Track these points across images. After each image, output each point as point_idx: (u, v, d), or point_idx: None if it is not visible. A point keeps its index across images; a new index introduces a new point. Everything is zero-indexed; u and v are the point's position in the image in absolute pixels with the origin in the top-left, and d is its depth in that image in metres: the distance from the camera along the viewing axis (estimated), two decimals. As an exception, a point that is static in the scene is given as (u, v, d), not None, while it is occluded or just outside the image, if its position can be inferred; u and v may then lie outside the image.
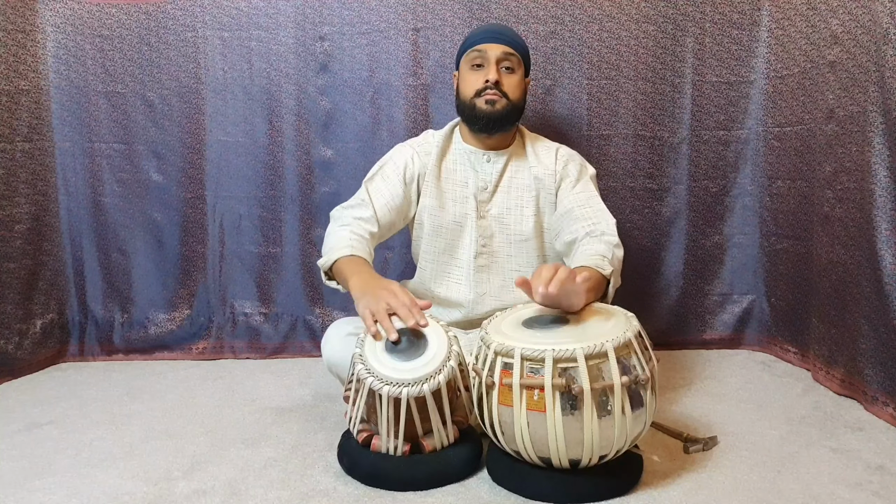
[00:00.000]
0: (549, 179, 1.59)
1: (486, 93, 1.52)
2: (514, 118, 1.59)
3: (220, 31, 2.06)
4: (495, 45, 1.53)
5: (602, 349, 1.10)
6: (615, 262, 1.40)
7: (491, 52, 1.52)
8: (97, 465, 1.36)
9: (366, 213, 1.55)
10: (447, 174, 1.62)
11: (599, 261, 1.36)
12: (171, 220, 2.14)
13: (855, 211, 1.65)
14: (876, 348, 1.56)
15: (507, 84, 1.53)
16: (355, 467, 1.26)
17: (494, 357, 1.16)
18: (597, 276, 1.33)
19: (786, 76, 1.96)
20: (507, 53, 1.53)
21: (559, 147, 1.64)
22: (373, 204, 1.56)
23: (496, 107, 1.52)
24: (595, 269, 1.34)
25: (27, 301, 2.04)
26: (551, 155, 1.61)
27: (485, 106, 1.52)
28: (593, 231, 1.46)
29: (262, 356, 2.16)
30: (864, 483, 1.22)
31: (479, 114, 1.53)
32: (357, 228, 1.52)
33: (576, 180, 1.58)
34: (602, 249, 1.40)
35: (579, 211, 1.52)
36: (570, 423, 1.10)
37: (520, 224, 1.59)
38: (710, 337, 2.16)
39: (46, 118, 2.08)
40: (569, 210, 1.53)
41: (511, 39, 1.56)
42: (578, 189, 1.57)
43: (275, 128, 2.10)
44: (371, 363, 1.21)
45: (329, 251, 1.48)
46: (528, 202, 1.59)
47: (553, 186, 1.59)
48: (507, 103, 1.53)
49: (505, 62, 1.54)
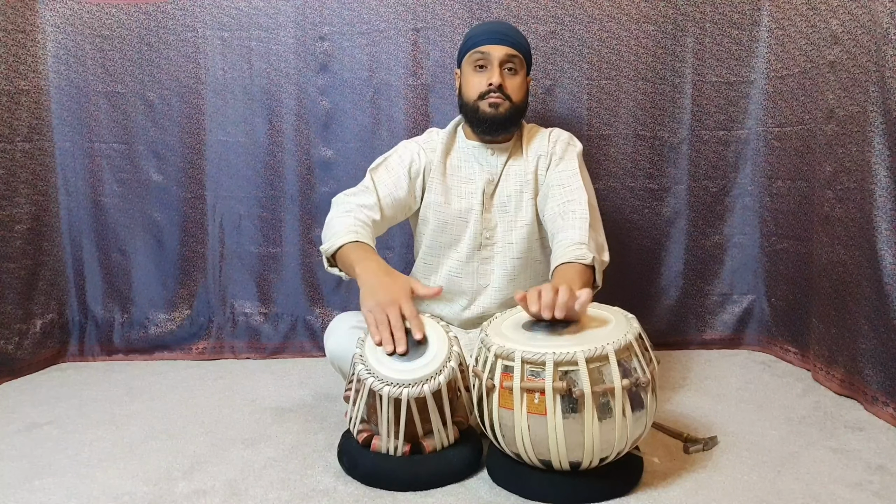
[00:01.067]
0: (542, 162, 1.60)
1: (490, 96, 1.52)
2: (518, 119, 1.60)
3: (220, 31, 2.06)
4: (499, 47, 1.52)
5: (603, 352, 1.10)
6: (592, 245, 1.40)
7: (494, 54, 1.52)
8: (97, 465, 1.36)
9: (369, 200, 1.54)
10: (452, 171, 1.63)
11: (578, 250, 1.37)
12: (171, 220, 2.14)
13: (855, 211, 1.65)
14: (876, 348, 1.56)
15: (510, 86, 1.54)
16: (355, 467, 1.26)
17: (495, 360, 1.16)
18: (581, 271, 1.34)
19: (786, 76, 1.96)
20: (511, 55, 1.53)
21: (552, 130, 1.65)
22: (377, 191, 1.55)
23: (500, 110, 1.53)
24: (576, 262, 1.35)
25: (27, 301, 2.04)
26: (544, 139, 1.63)
27: (489, 109, 1.53)
28: (564, 211, 1.47)
29: (262, 356, 2.16)
30: (864, 483, 1.22)
31: (482, 117, 1.54)
32: (360, 215, 1.50)
33: (560, 159, 1.59)
34: (577, 236, 1.41)
35: (556, 189, 1.53)
36: (570, 426, 1.10)
37: (521, 209, 1.59)
38: (710, 337, 2.17)
39: (46, 118, 2.08)
40: (548, 188, 1.55)
41: (514, 40, 1.56)
42: (561, 168, 1.57)
43: (275, 128, 2.10)
44: (371, 363, 1.21)
45: (332, 237, 1.46)
46: (527, 187, 1.60)
47: (545, 168, 1.60)
48: (511, 105, 1.54)
49: (508, 64, 1.54)
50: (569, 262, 1.36)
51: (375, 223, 1.53)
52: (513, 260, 1.60)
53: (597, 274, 1.39)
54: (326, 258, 1.50)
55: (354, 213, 1.50)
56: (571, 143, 1.63)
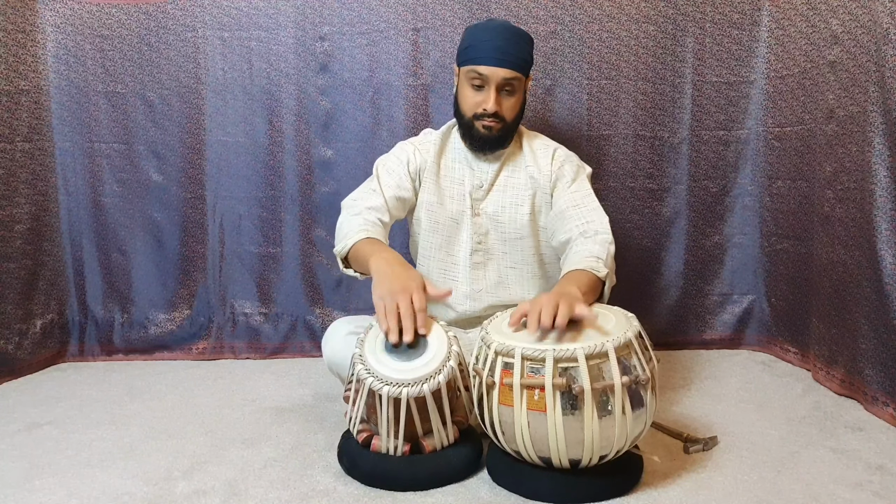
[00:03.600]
0: (545, 180, 1.59)
1: (485, 119, 1.51)
2: (511, 135, 1.59)
3: (220, 31, 2.06)
4: (498, 70, 1.48)
5: (603, 349, 1.10)
6: (609, 262, 1.41)
7: (492, 77, 1.48)
8: (97, 465, 1.36)
9: (377, 202, 1.54)
10: (445, 171, 1.63)
11: (594, 262, 1.37)
12: (171, 220, 2.14)
13: (855, 211, 1.65)
14: (876, 348, 1.56)
15: (505, 107, 1.52)
16: (355, 467, 1.26)
17: (495, 357, 1.16)
18: (593, 280, 1.34)
19: (786, 76, 1.96)
20: (509, 78, 1.49)
21: (557, 148, 1.64)
22: (383, 193, 1.56)
23: (493, 132, 1.53)
24: (590, 271, 1.35)
25: (27, 301, 2.04)
26: (548, 155, 1.61)
27: (483, 130, 1.53)
28: (587, 231, 1.47)
29: (262, 356, 2.16)
30: (864, 483, 1.22)
31: (475, 135, 1.55)
32: (370, 216, 1.51)
33: (571, 180, 1.58)
34: (596, 250, 1.41)
35: (573, 211, 1.52)
36: (570, 423, 1.10)
37: (514, 222, 1.59)
38: (710, 337, 2.16)
39: (46, 118, 2.08)
40: (563, 210, 1.54)
41: (515, 59, 1.49)
42: (573, 189, 1.56)
43: (275, 128, 2.10)
44: (371, 363, 1.21)
45: (344, 238, 1.47)
46: (524, 200, 1.59)
47: (549, 187, 1.59)
48: (503, 126, 1.53)
49: (506, 87, 1.51)
50: (581, 269, 1.35)
51: (385, 224, 1.53)
52: (507, 269, 1.60)
53: (605, 289, 1.39)
54: (340, 259, 1.50)
55: (363, 215, 1.51)
56: (581, 165, 1.63)
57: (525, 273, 1.61)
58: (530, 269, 1.61)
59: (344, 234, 1.48)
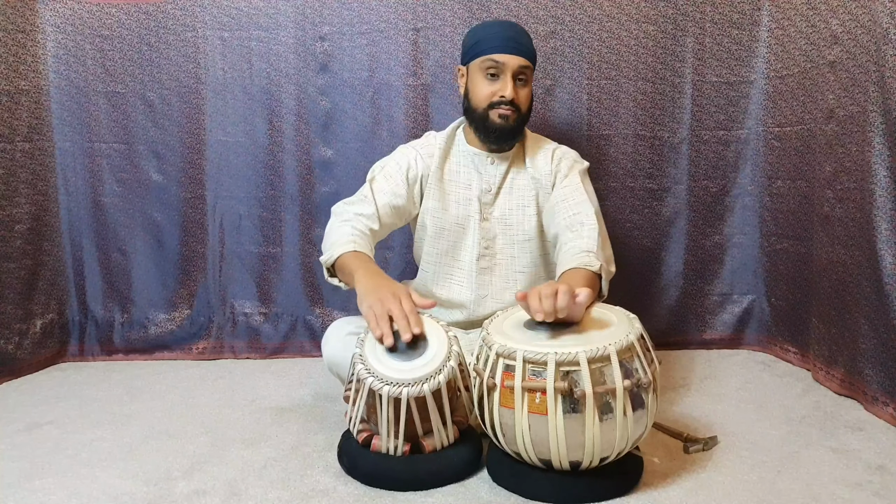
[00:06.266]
0: (546, 180, 1.59)
1: (501, 107, 1.51)
2: (523, 126, 1.60)
3: (220, 31, 2.06)
4: (514, 58, 1.50)
5: (605, 353, 1.10)
6: (600, 253, 1.41)
7: (509, 64, 1.49)
8: (97, 465, 1.36)
9: (368, 209, 1.54)
10: (450, 176, 1.62)
11: (585, 258, 1.37)
12: (171, 220, 2.14)
13: (855, 211, 1.65)
14: (876, 348, 1.56)
15: (520, 97, 1.53)
16: (355, 467, 1.26)
17: (496, 358, 1.16)
18: (589, 277, 1.34)
19: (786, 76, 1.96)
20: (524, 66, 1.51)
21: (556, 147, 1.64)
22: (375, 201, 1.55)
23: (509, 122, 1.52)
24: (583, 268, 1.35)
25: (27, 301, 2.04)
26: (548, 155, 1.61)
27: (498, 120, 1.52)
28: (572, 224, 1.47)
29: (262, 356, 2.16)
30: (864, 483, 1.22)
31: (491, 126, 1.53)
32: (358, 224, 1.51)
33: (564, 175, 1.58)
34: (585, 245, 1.41)
35: (561, 205, 1.52)
36: (571, 426, 1.09)
37: (523, 224, 1.59)
38: (710, 337, 2.16)
39: (46, 118, 2.08)
40: (553, 205, 1.54)
41: (527, 49, 1.53)
42: (564, 183, 1.57)
43: (275, 128, 2.10)
44: (371, 363, 1.21)
45: (331, 247, 1.46)
46: (530, 202, 1.59)
47: (549, 186, 1.59)
48: (519, 115, 1.54)
49: (521, 75, 1.52)
50: (575, 267, 1.35)
51: (374, 232, 1.53)
52: (516, 273, 1.60)
53: (603, 283, 1.39)
54: (326, 269, 1.50)
55: (352, 223, 1.50)
56: (577, 160, 1.63)
57: (532, 277, 1.61)
58: (537, 272, 1.61)
59: (331, 243, 1.47)
